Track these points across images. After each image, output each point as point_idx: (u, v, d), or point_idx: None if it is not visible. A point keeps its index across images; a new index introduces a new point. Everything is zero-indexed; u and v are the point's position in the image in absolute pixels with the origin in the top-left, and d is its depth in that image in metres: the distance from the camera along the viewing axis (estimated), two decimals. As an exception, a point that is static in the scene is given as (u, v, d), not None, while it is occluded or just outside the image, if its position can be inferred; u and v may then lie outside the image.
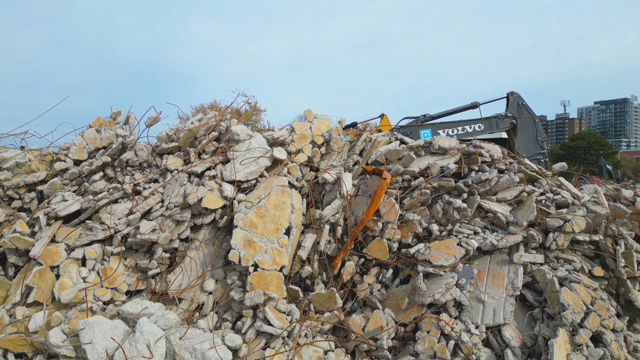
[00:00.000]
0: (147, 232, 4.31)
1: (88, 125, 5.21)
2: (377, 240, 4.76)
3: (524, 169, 5.56)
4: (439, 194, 5.22)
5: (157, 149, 5.13)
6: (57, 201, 4.63)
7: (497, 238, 4.64)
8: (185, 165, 5.15)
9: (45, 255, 4.19)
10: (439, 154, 5.47)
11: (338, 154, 5.29)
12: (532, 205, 4.85)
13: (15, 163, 4.90)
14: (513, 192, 5.07)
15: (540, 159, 10.87)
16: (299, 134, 5.10)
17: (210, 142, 5.09)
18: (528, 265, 4.59)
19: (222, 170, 4.78)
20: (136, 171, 5.09)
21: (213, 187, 4.55)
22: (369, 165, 5.27)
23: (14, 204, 4.94)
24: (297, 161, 4.95)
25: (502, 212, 4.88)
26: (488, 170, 5.21)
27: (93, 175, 4.93)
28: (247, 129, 5.00)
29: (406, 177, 5.23)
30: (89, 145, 5.08)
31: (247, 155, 4.80)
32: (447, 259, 4.45)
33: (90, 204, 4.57)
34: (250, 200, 4.51)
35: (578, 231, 4.68)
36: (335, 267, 4.69)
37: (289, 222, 4.47)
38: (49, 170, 5.06)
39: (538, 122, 10.97)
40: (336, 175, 4.91)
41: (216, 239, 4.69)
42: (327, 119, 5.32)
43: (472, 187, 5.09)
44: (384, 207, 4.83)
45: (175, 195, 4.65)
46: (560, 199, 5.26)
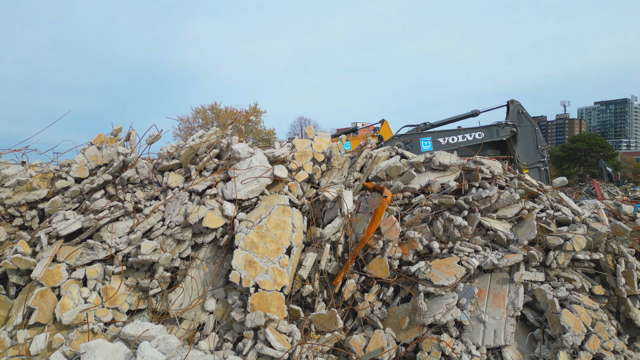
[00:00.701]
0: (148, 253, 4.32)
1: (89, 142, 5.22)
2: (377, 259, 4.76)
3: (524, 185, 5.57)
4: (440, 211, 5.23)
5: (158, 166, 5.14)
6: (58, 220, 4.64)
7: (497, 257, 4.64)
8: (186, 182, 5.16)
9: (47, 276, 4.20)
10: (440, 170, 5.47)
11: (339, 171, 5.29)
12: (532, 224, 4.85)
13: (17, 181, 4.90)
14: (513, 209, 5.08)
15: (540, 167, 10.87)
16: (299, 152, 5.10)
17: (211, 159, 5.10)
18: (529, 284, 4.60)
19: (223, 188, 4.78)
20: (137, 188, 5.09)
21: (214, 206, 4.55)
22: (370, 182, 5.28)
23: (15, 222, 4.95)
24: (297, 179, 4.96)
25: (502, 230, 4.89)
26: (488, 187, 5.21)
27: (94, 193, 4.94)
28: (248, 146, 5.00)
29: (407, 194, 5.24)
30: (90, 163, 5.09)
31: (248, 174, 4.80)
32: (448, 279, 4.45)
33: (92, 223, 4.58)
34: (251, 219, 4.52)
35: (578, 250, 4.69)
36: (336, 286, 4.70)
37: (290, 241, 4.47)
38: (50, 188, 5.07)
39: (538, 130, 10.97)
40: (337, 193, 4.91)
41: (217, 257, 4.69)
42: (327, 136, 5.33)
43: (473, 205, 5.09)
44: (385, 225, 4.84)
45: (176, 214, 4.66)
46: (560, 216, 5.26)
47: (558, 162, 54.54)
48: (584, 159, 50.76)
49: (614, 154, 53.18)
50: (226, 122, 57.53)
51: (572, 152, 51.37)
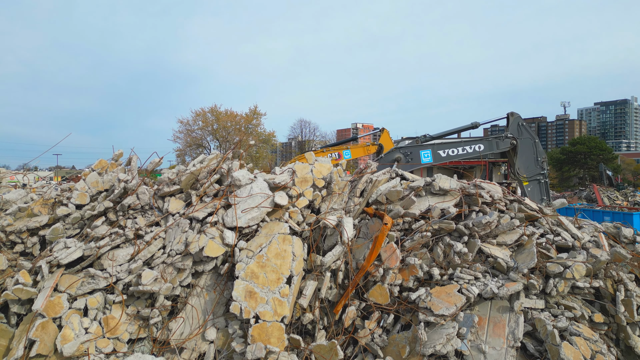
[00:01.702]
0: (149, 283, 4.33)
1: (90, 168, 5.23)
2: (378, 286, 4.77)
3: (524, 209, 5.58)
4: (440, 236, 5.24)
5: (159, 192, 5.15)
6: (59, 248, 4.65)
7: (497, 285, 4.65)
8: (187, 207, 5.17)
9: (48, 307, 4.21)
10: (440, 194, 5.49)
11: (339, 196, 5.31)
12: (532, 251, 4.86)
13: (18, 208, 4.91)
14: (513, 235, 5.09)
15: (540, 179, 10.89)
16: (300, 178, 5.12)
17: (211, 184, 5.11)
18: (529, 312, 4.62)
19: (224, 215, 4.80)
20: (138, 214, 5.11)
21: (214, 234, 4.57)
22: (370, 207, 5.29)
23: (16, 248, 4.96)
24: (298, 206, 4.97)
25: (502, 257, 4.90)
26: (489, 212, 5.22)
27: (95, 220, 4.95)
28: (249, 172, 5.02)
29: (407, 219, 5.25)
30: (91, 189, 5.10)
31: (248, 201, 4.82)
32: (448, 308, 4.46)
33: (93, 251, 4.59)
34: (251, 248, 4.53)
35: (578, 277, 4.70)
36: (336, 314, 4.71)
37: (290, 270, 4.49)
38: (51, 214, 5.08)
39: (538, 142, 11.00)
40: (337, 220, 4.92)
41: (218, 285, 4.70)
42: (328, 162, 5.34)
43: (473, 230, 5.10)
44: (385, 252, 4.85)
45: (177, 241, 4.67)
46: (560, 241, 5.28)
47: (558, 165, 54.62)
48: (583, 162, 50.84)
49: (614, 157, 53.22)
50: (227, 126, 57.60)
51: (572, 154, 51.43)
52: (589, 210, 20.52)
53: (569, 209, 21.89)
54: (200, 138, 59.04)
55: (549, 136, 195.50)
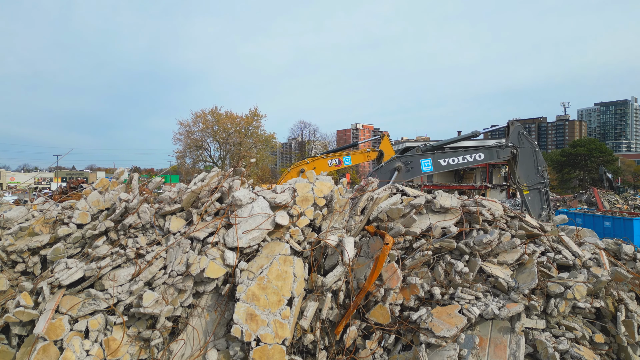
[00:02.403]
0: (150, 305, 4.33)
1: (92, 187, 5.23)
2: (379, 306, 4.77)
3: (524, 226, 5.58)
4: (441, 254, 5.24)
5: (160, 211, 5.15)
6: (60, 269, 4.65)
7: (498, 305, 4.65)
8: (188, 225, 5.17)
9: (49, 330, 4.21)
10: (441, 212, 5.49)
11: (340, 215, 5.31)
12: (533, 271, 4.86)
13: (19, 227, 4.92)
14: (514, 255, 5.09)
15: (540, 188, 10.87)
16: (301, 196, 5.12)
17: (212, 203, 5.11)
18: (530, 332, 4.62)
19: (225, 235, 4.80)
20: (139, 233, 5.11)
21: (215, 256, 4.57)
22: (371, 226, 5.29)
23: (17, 268, 4.96)
24: (299, 225, 4.97)
25: (503, 277, 4.90)
26: (489, 231, 5.22)
27: (96, 239, 4.95)
28: (250, 192, 5.02)
29: (408, 238, 5.25)
30: (92, 208, 5.11)
31: (249, 221, 4.82)
32: (450, 330, 4.47)
33: (94, 272, 4.59)
34: (252, 270, 4.53)
35: (579, 298, 4.71)
36: (337, 334, 4.71)
37: (291, 292, 4.49)
38: (52, 233, 5.08)
39: (539, 151, 10.98)
40: (338, 239, 4.92)
41: (219, 306, 4.71)
42: (329, 180, 5.34)
43: (474, 249, 5.11)
44: (386, 272, 4.85)
45: (178, 262, 4.67)
46: (561, 259, 5.28)
47: (558, 167, 54.60)
48: (584, 164, 50.82)
49: (614, 159, 53.21)
50: (227, 127, 57.61)
51: (572, 157, 51.42)
52: (589, 215, 20.51)
53: (569, 213, 21.92)
54: (200, 140, 59.07)
55: (549, 137, 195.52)
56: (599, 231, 20.05)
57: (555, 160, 56.51)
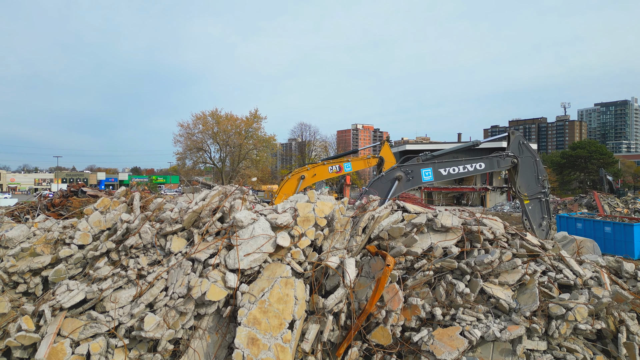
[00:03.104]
0: (151, 329, 4.33)
1: (93, 207, 5.24)
2: (380, 328, 4.77)
3: (525, 245, 5.58)
4: (442, 274, 5.24)
5: (161, 232, 5.15)
6: (61, 291, 4.65)
7: (500, 327, 4.66)
8: (189, 245, 5.18)
9: (51, 354, 4.21)
10: (442, 232, 5.49)
11: (341, 234, 5.31)
12: (534, 292, 4.87)
13: (21, 248, 4.92)
14: (515, 275, 5.09)
15: (541, 198, 10.87)
16: (302, 217, 5.12)
17: (213, 223, 5.12)
18: (531, 355, 4.62)
19: (226, 257, 4.80)
20: (140, 252, 5.11)
21: (217, 278, 4.57)
22: (372, 246, 5.29)
23: (19, 289, 4.96)
24: (300, 246, 4.98)
25: (504, 298, 4.90)
26: (490, 251, 5.22)
27: (97, 261, 4.96)
28: (251, 213, 5.02)
29: (409, 258, 5.25)
30: (93, 228, 5.11)
31: (250, 242, 4.83)
32: (451, 353, 4.47)
33: (95, 294, 4.60)
34: (253, 293, 4.53)
35: (580, 320, 4.71)
36: (338, 357, 4.71)
37: (293, 315, 4.49)
38: (53, 253, 5.09)
39: (539, 160, 10.98)
40: (339, 260, 4.93)
41: (220, 328, 4.71)
42: (330, 200, 5.34)
43: (475, 269, 5.11)
44: (388, 293, 4.85)
45: (179, 284, 4.68)
46: (562, 279, 5.28)
47: (558, 169, 54.59)
48: (584, 166, 50.81)
49: (614, 161, 53.20)
50: (227, 129, 57.61)
51: (572, 159, 51.40)
52: (589, 220, 20.51)
53: (569, 218, 21.90)
54: (200, 141, 59.05)
55: (549, 137, 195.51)
56: (599, 236, 20.04)
57: (555, 162, 56.52)
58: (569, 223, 21.54)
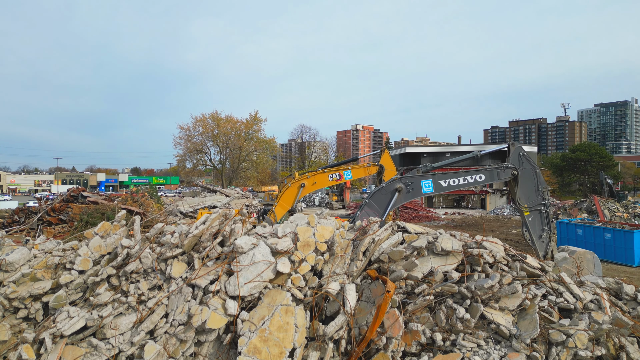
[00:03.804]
0: (152, 358, 4.33)
1: (94, 232, 5.24)
2: (381, 354, 4.78)
3: (526, 268, 5.58)
4: (443, 298, 5.24)
5: (161, 256, 5.16)
6: (62, 318, 4.66)
7: (500, 354, 4.66)
8: (189, 269, 5.18)
9: (52, 384, 4.21)
10: (442, 255, 5.49)
11: (341, 258, 5.31)
12: (534, 318, 4.87)
13: (21, 274, 4.92)
14: (515, 301, 5.09)
15: (541, 210, 10.88)
16: (302, 242, 5.13)
17: (213, 248, 5.12)
18: (531, 381, 4.62)
19: (226, 283, 4.80)
20: (141, 277, 5.11)
21: (217, 306, 4.57)
22: (373, 270, 5.30)
23: (19, 314, 4.96)
24: (300, 272, 4.98)
25: (505, 324, 4.90)
26: (490, 275, 5.23)
27: (98, 287, 4.96)
28: (251, 238, 5.02)
29: (410, 282, 5.25)
30: (93, 253, 5.11)
31: (251, 269, 4.83)
32: (451, 381, 4.47)
33: (96, 322, 4.60)
34: (253, 321, 4.53)
35: (581, 346, 4.71)
36: (339, 384, 4.72)
37: (293, 343, 4.49)
38: (54, 279, 5.09)
39: (539, 172, 10.99)
40: (340, 286, 4.93)
41: (220, 355, 4.71)
42: (330, 224, 5.34)
43: (475, 294, 5.11)
44: (388, 319, 4.86)
45: (179, 311, 4.68)
46: (562, 303, 5.28)
47: (558, 171, 54.60)
48: (584, 169, 50.81)
49: (614, 164, 53.19)
50: (227, 131, 57.60)
51: (572, 161, 51.42)
52: (589, 226, 20.50)
53: (569, 224, 21.90)
54: (200, 143, 59.13)
55: (549, 138, 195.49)
56: (599, 242, 20.06)
57: (555, 164, 56.53)
58: (569, 229, 21.55)
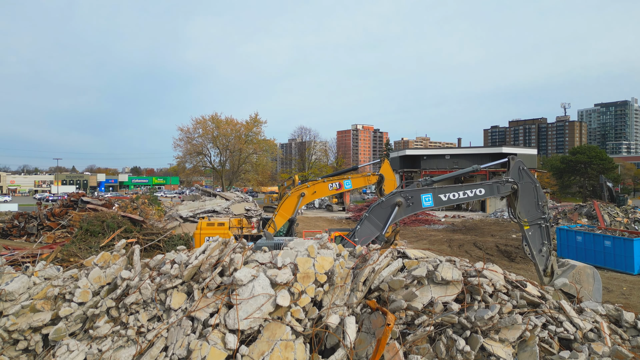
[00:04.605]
0: (152, 395, 4.33)
1: (93, 262, 5.24)
2: (380, 387, 4.78)
3: (525, 296, 5.58)
4: (443, 328, 5.24)
5: (161, 288, 5.15)
6: (62, 352, 4.65)
7: (500, 389, 4.66)
8: (189, 299, 5.18)
9: (51, 422, 4.21)
10: (442, 284, 5.49)
11: (341, 289, 5.31)
12: (534, 351, 4.87)
13: (21, 306, 4.92)
14: (515, 332, 5.08)
15: (541, 224, 10.86)
16: (302, 273, 5.12)
17: (213, 279, 5.12)
18: (531, 416, 4.63)
19: (226, 316, 4.80)
20: (140, 308, 5.11)
21: (216, 341, 4.57)
22: (373, 301, 5.29)
23: (19, 346, 4.96)
24: (300, 304, 4.98)
25: (505, 356, 4.90)
26: (490, 306, 5.22)
27: (97, 319, 4.95)
28: (251, 269, 5.02)
29: (410, 313, 5.25)
30: (93, 285, 5.11)
31: (250, 302, 4.82)
32: (450, 417, 4.47)
33: (95, 356, 4.60)
34: (253, 357, 4.53)
35: (581, 380, 4.71)
36: (338, 418, 4.72)
37: (293, 379, 4.49)
38: (53, 310, 5.09)
39: (539, 186, 10.96)
40: (339, 318, 4.93)
41: (220, 388, 4.70)
42: (330, 254, 5.34)
43: (475, 325, 5.11)
44: (388, 352, 4.85)
45: (179, 345, 4.67)
46: (562, 333, 5.28)
47: (558, 173, 54.67)
48: (584, 171, 50.86)
49: (614, 167, 53.20)
50: (227, 133, 57.60)
51: (572, 164, 51.47)
52: (589, 233, 20.50)
53: (569, 231, 21.90)
54: (200, 145, 59.14)
55: (549, 138, 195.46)
56: (599, 250, 20.06)
57: (555, 167, 56.56)
58: (569, 236, 21.54)
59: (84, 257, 17.51)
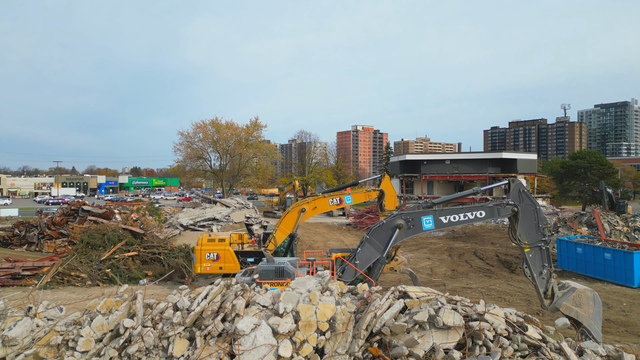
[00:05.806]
0: None
1: (96, 310, 5.26)
2: None
3: (527, 340, 5.60)
4: (443, 374, 5.27)
5: (163, 335, 5.17)
6: (65, 404, 4.67)
7: None
8: (191, 345, 5.20)
9: None
10: (443, 329, 5.51)
11: (343, 335, 5.33)
12: (535, 401, 4.90)
13: (24, 356, 4.94)
14: (516, 380, 5.11)
15: (541, 246, 10.87)
16: (304, 321, 5.14)
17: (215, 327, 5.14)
18: None
19: (229, 366, 4.82)
20: (142, 355, 5.13)
21: (220, 394, 4.59)
22: (374, 348, 5.32)
23: (22, 395, 4.98)
24: (302, 354, 5.00)
25: (505, 406, 4.93)
26: (492, 353, 5.25)
27: (101, 368, 4.98)
28: (253, 318, 5.04)
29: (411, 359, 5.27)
30: (96, 333, 5.13)
31: (252, 353, 4.84)
32: None
33: (99, 409, 4.62)
34: (256, 410, 4.55)
35: None
36: None
37: None
38: (57, 357, 5.10)
39: (539, 209, 10.97)
40: (341, 367, 4.95)
41: None
42: (332, 302, 5.36)
43: (476, 372, 5.13)
44: (389, 402, 4.88)
45: (182, 397, 4.69)
46: (563, 379, 5.31)
47: (558, 178, 54.68)
48: (584, 176, 50.86)
49: (614, 172, 53.19)
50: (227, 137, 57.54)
51: (572, 168, 51.46)
52: (589, 245, 20.49)
53: (569, 242, 21.90)
54: (200, 150, 59.09)
55: (549, 139, 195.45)
56: (599, 262, 20.06)
57: (555, 171, 56.57)
58: (569, 247, 21.54)
59: (84, 271, 17.56)
